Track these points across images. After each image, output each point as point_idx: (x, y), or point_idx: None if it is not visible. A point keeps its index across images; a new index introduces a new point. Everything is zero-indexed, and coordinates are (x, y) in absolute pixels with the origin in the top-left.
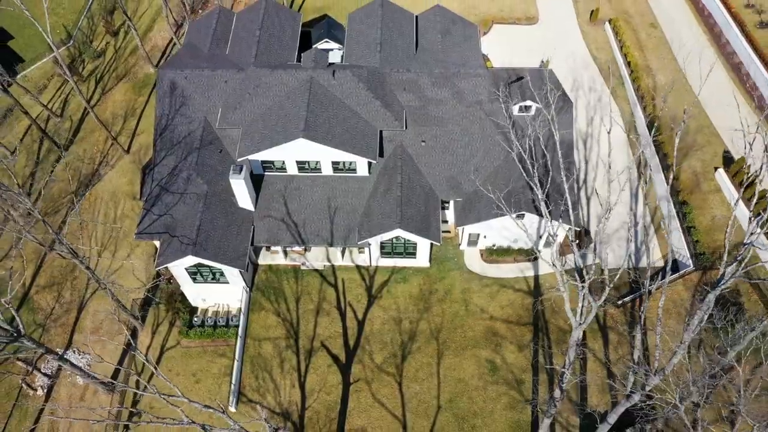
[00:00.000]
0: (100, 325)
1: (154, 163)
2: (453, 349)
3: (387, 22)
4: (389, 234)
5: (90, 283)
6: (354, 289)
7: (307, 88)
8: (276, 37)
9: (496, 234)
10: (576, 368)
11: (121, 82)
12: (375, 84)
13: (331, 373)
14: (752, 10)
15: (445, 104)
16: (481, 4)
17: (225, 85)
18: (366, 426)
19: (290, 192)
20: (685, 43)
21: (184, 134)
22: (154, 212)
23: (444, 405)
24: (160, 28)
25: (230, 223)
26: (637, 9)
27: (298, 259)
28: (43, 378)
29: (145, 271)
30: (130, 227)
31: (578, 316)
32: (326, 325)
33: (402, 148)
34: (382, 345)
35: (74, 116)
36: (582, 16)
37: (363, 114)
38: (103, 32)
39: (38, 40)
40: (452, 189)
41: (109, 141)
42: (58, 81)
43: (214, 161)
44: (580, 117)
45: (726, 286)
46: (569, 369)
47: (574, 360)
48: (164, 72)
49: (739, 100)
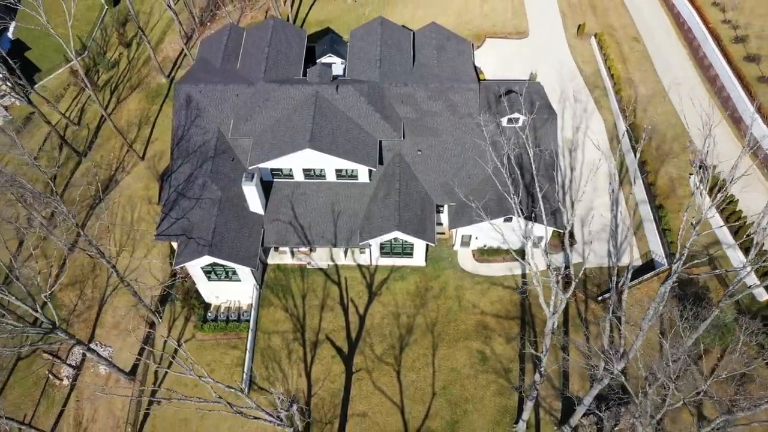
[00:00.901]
0: (120, 320)
1: (171, 170)
2: (447, 341)
3: (386, 39)
4: (388, 235)
5: (110, 281)
6: (356, 287)
7: (313, 101)
8: (283, 53)
9: (486, 235)
10: (558, 357)
11: (135, 92)
12: (375, 97)
13: (335, 363)
14: (728, 26)
15: (440, 116)
16: (475, 19)
17: (236, 99)
18: (367, 411)
19: (297, 197)
20: (666, 57)
21: (199, 144)
22: (171, 216)
23: (438, 392)
24: (171, 40)
25: (242, 226)
26: (621, 24)
27: (304, 258)
28: (68, 369)
29: (161, 270)
30: (146, 229)
31: (551, 307)
32: (330, 319)
33: (400, 157)
34: (381, 337)
35: (91, 124)
36: (569, 30)
37: (364, 125)
38: (117, 43)
39: (53, 50)
40: (446, 194)
41: (124, 148)
42: (74, 90)
43: (227, 169)
44: (566, 126)
45: (675, 280)
46: (546, 355)
47: (550, 347)
48: (180, 86)
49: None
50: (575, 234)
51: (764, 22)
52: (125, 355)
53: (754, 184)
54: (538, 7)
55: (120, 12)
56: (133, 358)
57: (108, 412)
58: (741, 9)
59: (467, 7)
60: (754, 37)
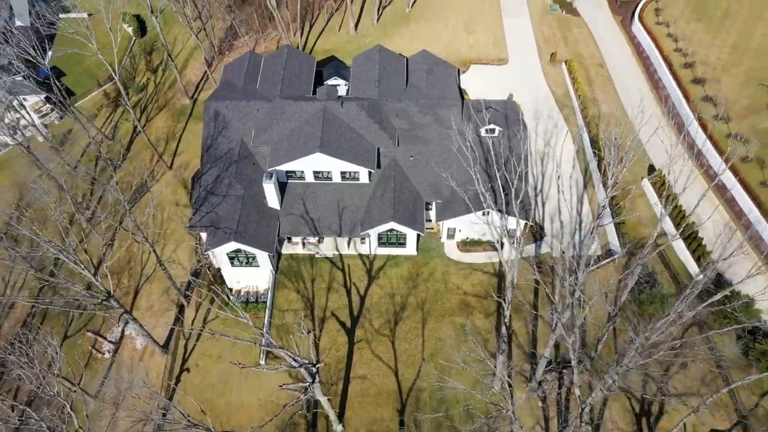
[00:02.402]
0: (153, 304)
1: (201, 173)
2: (434, 317)
3: (383, 64)
4: (385, 226)
5: (144, 271)
6: (357, 272)
7: (321, 114)
8: (296, 75)
9: (468, 228)
10: (528, 328)
11: (162, 112)
12: (374, 112)
13: (339, 335)
14: (679, 54)
15: (429, 128)
16: (462, 48)
17: (257, 113)
18: (366, 374)
19: (308, 195)
20: (626, 80)
21: (225, 151)
22: (202, 210)
23: (426, 358)
24: (193, 67)
25: (262, 218)
26: (588, 52)
27: (313, 249)
28: (108, 344)
29: (188, 262)
30: (175, 227)
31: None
32: (335, 299)
33: (395, 161)
34: (379, 314)
35: (123, 140)
36: (544, 58)
37: (364, 135)
38: (144, 69)
39: (86, 76)
40: (434, 193)
41: (155, 159)
42: (106, 111)
43: (249, 171)
44: (539, 138)
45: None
46: (509, 306)
47: (511, 299)
48: (209, 103)
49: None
50: (545, 228)
51: (709, 51)
52: (158, 332)
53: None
54: (516, 38)
55: (147, 42)
56: (165, 334)
57: (145, 376)
58: (690, 39)
59: (455, 39)
60: (699, 63)
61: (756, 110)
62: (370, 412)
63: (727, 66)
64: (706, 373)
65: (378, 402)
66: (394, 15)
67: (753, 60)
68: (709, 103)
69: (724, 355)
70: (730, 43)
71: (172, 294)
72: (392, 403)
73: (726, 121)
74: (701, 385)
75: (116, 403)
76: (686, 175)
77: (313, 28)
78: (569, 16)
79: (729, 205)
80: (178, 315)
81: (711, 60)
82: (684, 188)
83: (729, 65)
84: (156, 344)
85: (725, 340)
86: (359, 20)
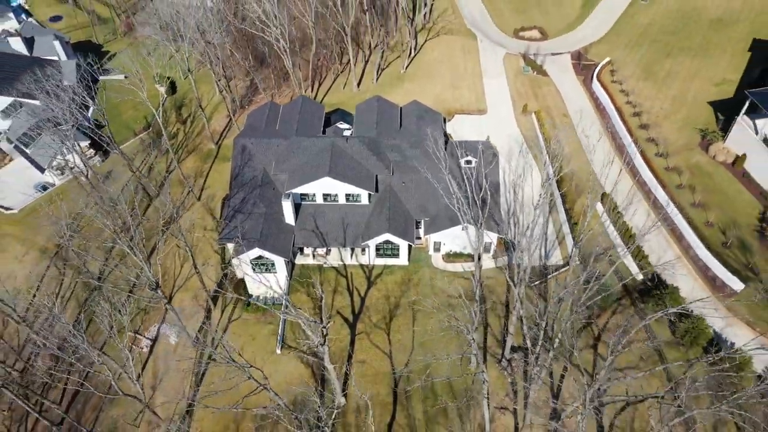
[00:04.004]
0: (185, 307)
1: (230, 196)
2: (422, 314)
3: (381, 111)
4: (382, 237)
5: (176, 281)
6: (358, 279)
7: (330, 148)
8: (309, 119)
9: (451, 242)
10: (501, 322)
11: (191, 155)
12: (373, 147)
13: (343, 329)
14: (629, 105)
15: (418, 159)
16: (447, 99)
17: (276, 148)
18: (366, 359)
19: (318, 214)
20: (585, 126)
21: (249, 178)
22: (230, 225)
23: (416, 346)
24: (217, 118)
25: (280, 232)
26: (555, 104)
27: (321, 259)
28: (146, 340)
29: (214, 274)
30: (202, 247)
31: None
32: (340, 300)
33: (390, 186)
34: (376, 312)
35: (157, 178)
36: (517, 109)
37: (365, 164)
38: (175, 121)
39: (124, 127)
40: (422, 212)
41: (185, 192)
42: (142, 155)
43: (270, 194)
44: (511, 172)
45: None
46: (478, 285)
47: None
48: (238, 140)
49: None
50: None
51: (653, 103)
52: (189, 330)
53: (636, 204)
54: (494, 94)
55: (177, 99)
56: (194, 332)
57: (177, 368)
58: (638, 94)
59: (442, 94)
60: (645, 112)
61: (689, 149)
62: (369, 389)
63: (668, 114)
64: (645, 350)
65: (375, 381)
66: (391, 75)
67: (689, 109)
68: (652, 143)
69: (658, 336)
70: (670, 96)
71: (200, 300)
72: (387, 381)
73: (665, 157)
74: (639, 361)
75: (153, 387)
76: (631, 199)
77: (322, 85)
78: (540, 76)
79: (665, 221)
80: (206, 317)
81: (655, 110)
82: (627, 208)
83: (669, 113)
84: (188, 335)
85: (661, 327)
86: (361, 79)
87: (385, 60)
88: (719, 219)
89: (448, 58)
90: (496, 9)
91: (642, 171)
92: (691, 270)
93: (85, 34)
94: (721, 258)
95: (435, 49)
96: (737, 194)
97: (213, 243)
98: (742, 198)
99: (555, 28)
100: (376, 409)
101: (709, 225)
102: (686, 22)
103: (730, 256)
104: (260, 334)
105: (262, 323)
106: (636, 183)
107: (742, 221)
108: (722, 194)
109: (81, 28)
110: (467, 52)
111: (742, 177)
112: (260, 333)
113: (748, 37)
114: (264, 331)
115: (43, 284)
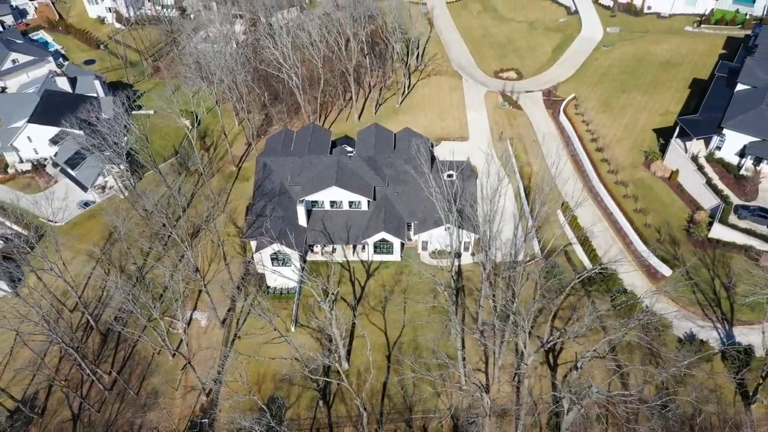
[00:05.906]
0: (214, 297)
1: (253, 203)
2: (412, 299)
3: (378, 135)
4: (378, 235)
5: (205, 276)
6: (359, 272)
7: (336, 164)
8: (318, 141)
9: (436, 242)
10: (476, 305)
11: (215, 176)
12: (371, 163)
13: (346, 310)
14: (589, 132)
15: (408, 174)
16: (434, 128)
17: (292, 164)
18: (365, 334)
19: (326, 218)
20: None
21: (269, 189)
22: (253, 227)
23: (406, 323)
24: (236, 146)
25: (294, 231)
26: (526, 132)
27: (327, 256)
28: (181, 324)
29: (237, 271)
30: (226, 249)
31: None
32: (344, 288)
33: (385, 195)
34: (374, 297)
35: (187, 194)
36: (494, 136)
37: (365, 177)
38: (199, 148)
39: (154, 154)
40: (412, 216)
41: (212, 205)
42: (172, 176)
43: (286, 202)
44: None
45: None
46: (455, 274)
47: (455, 263)
48: (260, 158)
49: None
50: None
51: (608, 131)
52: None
53: (587, 207)
54: (475, 124)
55: (200, 130)
56: (222, 316)
57: (209, 343)
58: (597, 123)
59: (432, 123)
60: (601, 138)
61: (635, 166)
62: (367, 357)
63: (620, 139)
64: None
65: (373, 350)
66: (387, 109)
67: (637, 135)
68: (605, 162)
69: (602, 309)
70: (623, 125)
71: (227, 290)
72: (383, 351)
73: (615, 173)
74: (588, 331)
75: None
76: (586, 208)
77: (328, 117)
78: (515, 110)
79: (612, 223)
80: (231, 305)
81: (609, 136)
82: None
83: (621, 139)
84: (217, 317)
85: (604, 303)
86: (362, 113)
87: (383, 96)
88: (655, 221)
89: (436, 95)
90: (479, 54)
91: (595, 184)
92: (631, 261)
93: (117, 75)
94: (654, 251)
95: (426, 87)
96: (672, 202)
97: (236, 246)
98: (675, 205)
99: (529, 69)
100: (375, 373)
101: (647, 226)
102: (640, 63)
103: (662, 249)
104: (277, 318)
105: (279, 308)
106: (590, 193)
107: (674, 223)
108: (659, 202)
109: (113, 70)
110: (453, 89)
111: (676, 188)
112: (277, 315)
113: (689, 76)
114: (281, 314)
115: (91, 280)
